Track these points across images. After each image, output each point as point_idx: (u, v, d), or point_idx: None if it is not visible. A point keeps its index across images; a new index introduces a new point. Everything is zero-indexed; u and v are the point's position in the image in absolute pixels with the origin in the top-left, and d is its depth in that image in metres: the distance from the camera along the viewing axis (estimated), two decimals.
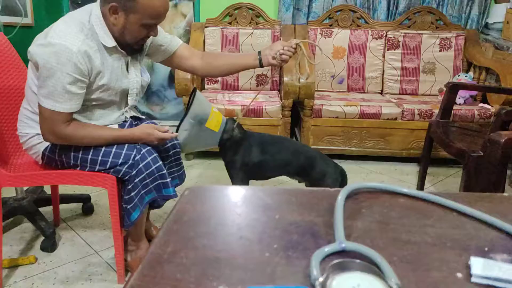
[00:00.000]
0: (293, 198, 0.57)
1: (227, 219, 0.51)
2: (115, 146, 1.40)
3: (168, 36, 1.57)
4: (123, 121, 1.52)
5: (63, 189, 2.12)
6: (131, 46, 1.38)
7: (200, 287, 0.38)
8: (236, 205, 0.55)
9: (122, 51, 1.38)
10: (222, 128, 1.66)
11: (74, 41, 1.24)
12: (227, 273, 0.40)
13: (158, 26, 1.40)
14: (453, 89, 2.13)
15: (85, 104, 1.37)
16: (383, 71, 3.06)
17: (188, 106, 1.56)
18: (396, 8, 3.13)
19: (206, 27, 3.06)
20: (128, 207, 1.41)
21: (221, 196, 0.58)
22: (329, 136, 2.68)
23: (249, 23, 3.11)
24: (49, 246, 1.69)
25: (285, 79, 2.52)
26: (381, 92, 3.09)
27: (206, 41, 3.03)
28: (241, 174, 1.69)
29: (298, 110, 2.81)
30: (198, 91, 1.60)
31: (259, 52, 1.50)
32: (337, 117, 2.64)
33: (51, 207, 1.92)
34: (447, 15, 3.10)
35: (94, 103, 1.40)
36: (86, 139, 1.37)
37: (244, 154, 1.68)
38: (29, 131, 1.45)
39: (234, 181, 1.71)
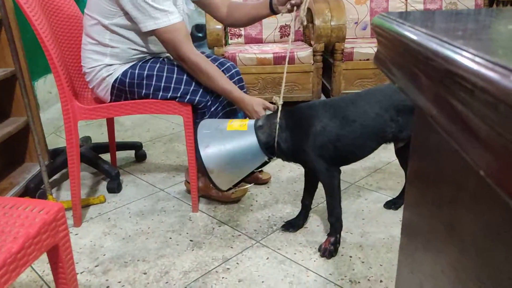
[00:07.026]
0: None
1: None
2: (187, 73, 1.42)
3: None
4: None
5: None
6: None
7: None
8: None
9: None
10: (252, 126, 1.23)
11: None
12: None
13: None
14: None
15: None
16: None
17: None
18: None
19: None
20: None
21: None
22: (360, 79, 2.70)
23: None
24: (116, 186, 1.72)
25: (317, 21, 2.52)
26: None
27: None
28: (321, 162, 1.24)
29: (325, 59, 2.81)
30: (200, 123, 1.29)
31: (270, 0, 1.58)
32: (368, 59, 2.65)
33: (105, 155, 1.94)
34: None
35: None
36: (210, 69, 1.38)
37: (311, 135, 1.22)
38: (96, 64, 1.45)
39: (320, 173, 1.27)
